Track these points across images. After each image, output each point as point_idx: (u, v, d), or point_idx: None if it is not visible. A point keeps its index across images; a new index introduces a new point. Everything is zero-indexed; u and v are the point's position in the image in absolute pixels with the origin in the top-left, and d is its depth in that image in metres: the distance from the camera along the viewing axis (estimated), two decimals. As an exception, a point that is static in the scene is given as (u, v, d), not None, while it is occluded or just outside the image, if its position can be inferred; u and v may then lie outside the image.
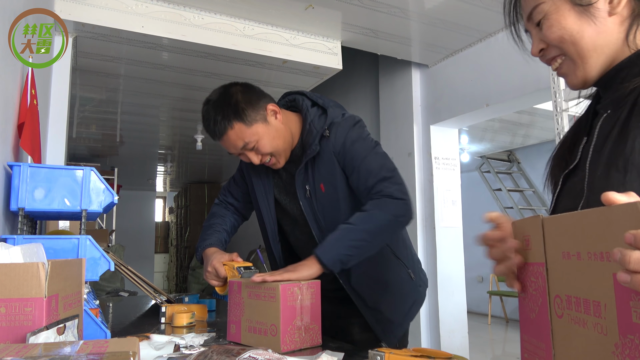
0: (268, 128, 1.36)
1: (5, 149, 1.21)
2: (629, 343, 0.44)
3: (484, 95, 3.11)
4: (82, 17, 2.45)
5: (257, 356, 0.80)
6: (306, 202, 1.41)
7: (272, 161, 1.41)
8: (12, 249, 0.78)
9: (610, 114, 0.78)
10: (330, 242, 1.26)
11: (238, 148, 1.36)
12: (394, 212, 1.33)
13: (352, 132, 1.39)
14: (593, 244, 0.49)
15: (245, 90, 1.38)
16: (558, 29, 0.77)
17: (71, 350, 0.59)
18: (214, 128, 1.35)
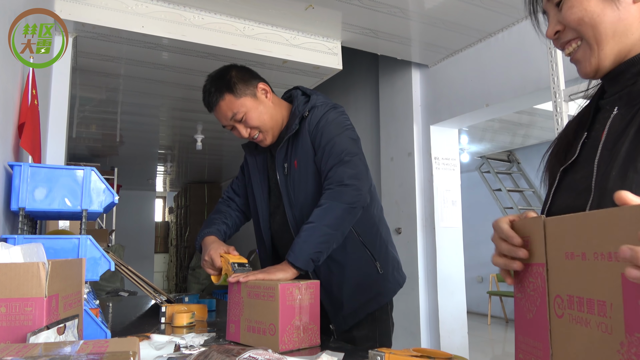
0: (256, 103, 1.50)
1: (6, 148, 1.21)
2: (636, 341, 0.44)
3: (483, 95, 3.11)
4: (82, 17, 2.45)
5: (257, 356, 0.81)
6: (283, 180, 1.51)
7: (260, 137, 1.52)
8: (13, 248, 0.78)
9: (622, 112, 0.76)
10: (299, 246, 1.32)
11: (228, 118, 1.49)
12: (347, 201, 1.36)
13: (328, 114, 1.48)
14: (600, 244, 0.49)
15: (241, 69, 1.53)
16: (579, 10, 0.74)
17: (71, 350, 0.59)
18: (209, 99, 1.50)
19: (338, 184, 1.37)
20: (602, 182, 0.72)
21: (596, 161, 0.76)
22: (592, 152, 0.78)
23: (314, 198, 1.44)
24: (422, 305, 3.40)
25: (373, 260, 1.50)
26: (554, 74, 2.09)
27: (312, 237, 1.32)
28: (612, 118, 0.77)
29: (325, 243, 1.33)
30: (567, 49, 0.79)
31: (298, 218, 1.47)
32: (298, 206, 1.47)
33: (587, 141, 0.81)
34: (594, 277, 0.50)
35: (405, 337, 3.40)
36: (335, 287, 1.46)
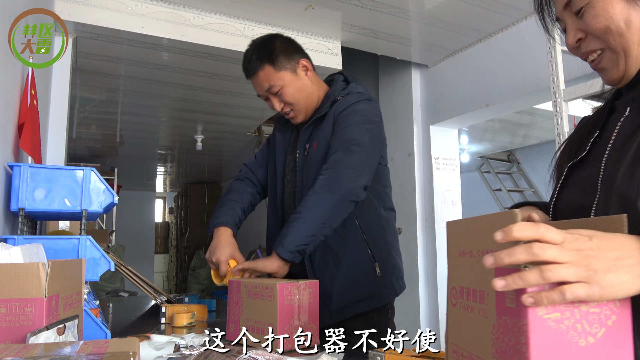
0: (295, 79, 1.47)
1: (6, 149, 1.21)
2: (503, 323, 0.54)
3: (483, 95, 3.11)
4: (82, 18, 2.45)
5: (257, 356, 0.81)
6: (302, 160, 1.49)
7: (292, 114, 1.50)
8: (13, 249, 0.78)
9: (633, 115, 0.76)
10: (285, 238, 1.29)
11: (264, 89, 1.46)
12: (340, 192, 1.30)
13: (359, 104, 1.45)
14: (483, 243, 0.59)
15: (285, 41, 1.50)
16: (605, 18, 0.70)
17: (71, 351, 0.59)
18: (248, 66, 1.46)
19: (334, 171, 1.32)
20: (609, 181, 0.73)
21: (604, 160, 0.76)
22: (601, 151, 0.78)
23: None
24: (422, 306, 3.40)
25: (372, 261, 1.46)
26: (553, 74, 2.09)
27: (299, 229, 1.29)
28: (623, 119, 0.77)
29: (312, 236, 1.30)
30: (591, 56, 0.76)
31: None
32: (308, 187, 1.41)
33: (598, 140, 0.81)
34: (477, 271, 0.59)
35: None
36: (327, 279, 1.41)
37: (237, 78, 3.41)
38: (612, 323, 0.53)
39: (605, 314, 0.53)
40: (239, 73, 3.25)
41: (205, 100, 4.04)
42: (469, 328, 0.62)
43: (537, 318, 0.50)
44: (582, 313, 0.52)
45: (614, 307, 0.53)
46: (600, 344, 0.52)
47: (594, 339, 0.52)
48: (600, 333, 0.52)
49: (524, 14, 2.80)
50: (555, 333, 0.51)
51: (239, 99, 3.97)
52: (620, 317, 0.53)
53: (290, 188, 1.54)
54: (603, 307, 0.53)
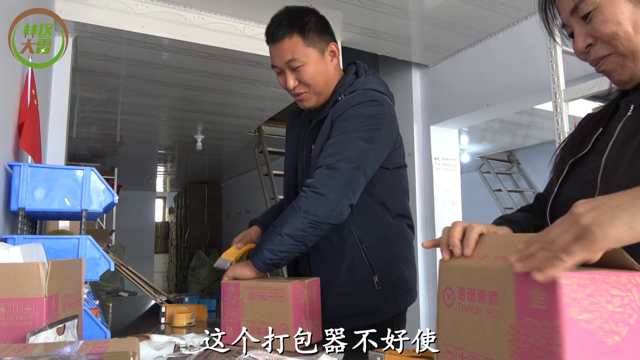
0: (320, 60, 1.36)
1: (6, 148, 1.21)
2: (527, 324, 0.56)
3: (484, 95, 3.11)
4: (82, 17, 2.45)
5: (257, 356, 0.81)
6: (307, 160, 1.41)
7: (303, 96, 1.38)
8: (12, 248, 0.78)
9: (636, 114, 0.76)
10: (260, 250, 1.23)
11: (284, 60, 1.34)
12: (317, 214, 1.21)
13: (358, 107, 1.31)
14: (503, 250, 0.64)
15: (321, 19, 1.40)
16: (613, 23, 0.70)
17: (71, 350, 0.59)
18: (276, 29, 1.34)
19: (315, 190, 1.22)
20: (609, 177, 0.74)
21: (604, 157, 0.77)
22: (602, 148, 0.79)
23: None
24: (422, 306, 3.40)
25: (371, 273, 1.34)
26: (554, 74, 2.09)
27: (274, 244, 1.22)
28: (626, 118, 0.77)
29: (287, 252, 1.23)
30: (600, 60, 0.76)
31: None
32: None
33: (600, 137, 0.82)
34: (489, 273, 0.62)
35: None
36: (323, 289, 1.29)
37: (238, 78, 3.42)
38: (634, 321, 0.55)
39: (628, 313, 0.55)
40: (240, 73, 3.24)
41: (206, 100, 4.04)
42: (473, 329, 0.63)
43: (571, 319, 0.52)
44: (609, 313, 0.54)
45: (635, 306, 0.55)
46: (626, 341, 0.54)
47: (619, 337, 0.54)
48: (624, 331, 0.54)
49: (524, 14, 2.80)
50: (586, 333, 0.52)
51: (239, 99, 3.97)
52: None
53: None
54: (626, 307, 0.55)
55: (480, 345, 0.62)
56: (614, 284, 0.55)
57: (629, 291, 0.55)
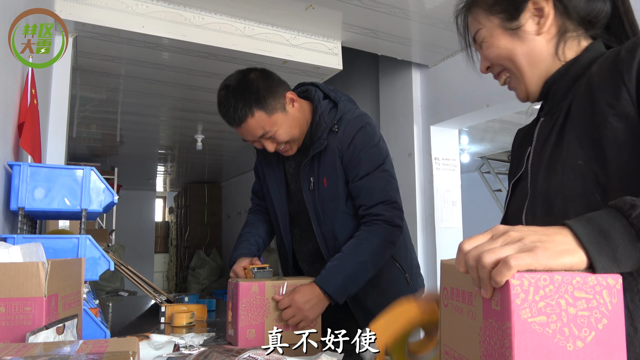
0: (286, 117, 1.36)
1: (6, 148, 1.21)
2: (489, 325, 0.54)
3: (484, 95, 3.11)
4: (82, 17, 2.45)
5: (257, 356, 0.81)
6: (309, 194, 1.43)
7: (286, 148, 1.41)
8: (12, 248, 0.78)
9: (546, 120, 0.87)
10: (336, 279, 1.28)
11: (256, 136, 1.35)
12: (390, 239, 1.36)
13: (360, 135, 1.38)
14: None
15: (265, 77, 1.36)
16: (494, 48, 0.87)
17: (71, 350, 0.59)
18: (234, 115, 1.32)
19: (386, 222, 1.35)
20: (534, 183, 0.82)
21: (529, 165, 0.86)
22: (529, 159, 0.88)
23: (345, 218, 1.41)
24: (422, 306, 3.40)
25: (403, 273, 1.48)
26: (554, 75, 2.09)
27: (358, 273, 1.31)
28: (539, 125, 0.89)
29: (359, 279, 1.32)
30: (501, 79, 0.92)
31: (327, 234, 1.43)
32: (328, 225, 1.42)
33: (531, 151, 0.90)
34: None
35: (405, 337, 3.40)
36: (371, 304, 1.42)
37: (238, 78, 3.42)
38: (602, 327, 0.51)
39: (596, 317, 0.51)
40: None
41: (206, 100, 4.04)
42: (459, 330, 0.62)
43: (521, 321, 0.50)
44: (570, 316, 0.51)
45: (605, 310, 0.52)
46: (590, 348, 0.51)
47: (582, 343, 0.51)
48: (589, 337, 0.51)
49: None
50: (540, 337, 0.50)
51: (239, 99, 3.97)
52: (612, 320, 0.52)
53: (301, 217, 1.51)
54: (593, 311, 0.51)
55: (463, 346, 0.61)
56: (578, 285, 0.52)
57: (597, 294, 0.52)
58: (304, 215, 1.49)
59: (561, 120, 0.81)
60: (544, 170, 0.80)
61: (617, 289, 0.53)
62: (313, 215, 1.44)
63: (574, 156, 0.75)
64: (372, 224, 1.35)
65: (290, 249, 1.56)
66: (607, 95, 0.72)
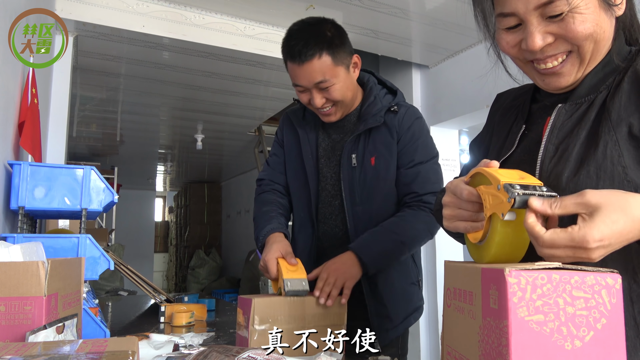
0: (347, 76, 1.33)
1: (6, 147, 1.22)
2: (487, 324, 0.54)
3: (484, 96, 3.11)
4: (82, 17, 2.45)
5: (256, 356, 0.80)
6: (348, 172, 1.36)
7: (330, 111, 1.33)
8: (12, 247, 0.78)
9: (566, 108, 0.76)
10: (369, 242, 1.26)
11: (312, 82, 1.27)
12: (430, 228, 1.34)
13: (422, 122, 1.41)
14: None
15: (341, 32, 1.34)
16: (592, 24, 0.69)
17: (70, 349, 0.59)
18: (302, 50, 1.24)
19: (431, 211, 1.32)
20: (553, 180, 0.72)
21: (540, 155, 0.76)
22: (532, 146, 0.79)
23: (385, 204, 1.36)
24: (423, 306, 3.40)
25: (417, 275, 1.47)
26: (554, 75, 2.09)
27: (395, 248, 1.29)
28: (556, 112, 0.77)
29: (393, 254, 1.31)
30: (552, 62, 0.74)
31: (362, 215, 1.35)
32: (367, 204, 1.35)
33: (527, 133, 0.82)
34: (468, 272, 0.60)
35: (404, 337, 3.40)
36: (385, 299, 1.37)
37: (238, 78, 3.42)
38: (601, 327, 0.51)
39: (594, 317, 0.51)
40: (240, 72, 3.24)
41: (206, 100, 4.04)
42: (461, 329, 0.62)
43: (518, 320, 0.49)
44: (568, 316, 0.50)
45: (604, 310, 0.51)
46: (588, 347, 0.50)
47: (581, 343, 0.50)
48: (588, 337, 0.50)
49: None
50: (537, 335, 0.49)
51: (239, 99, 3.97)
52: (612, 320, 0.51)
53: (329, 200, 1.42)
54: (592, 310, 0.51)
55: (464, 345, 0.60)
56: (577, 285, 0.51)
57: (596, 293, 0.51)
58: (332, 194, 1.42)
59: (593, 115, 0.72)
60: (571, 169, 0.71)
61: (616, 289, 0.52)
62: (347, 194, 1.36)
63: (612, 161, 0.67)
64: (418, 208, 1.33)
65: (315, 229, 1.44)
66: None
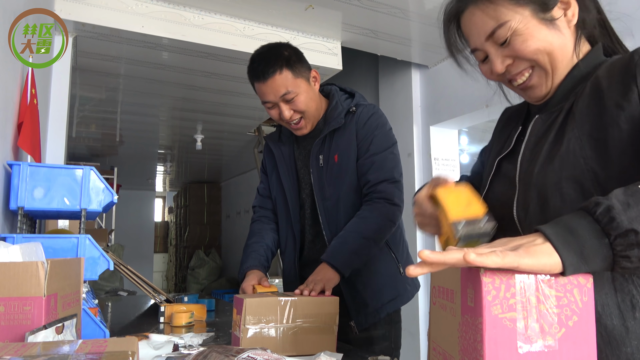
0: (309, 88, 1.47)
1: (5, 148, 1.22)
2: (465, 321, 0.56)
3: (483, 96, 3.11)
4: (82, 17, 2.45)
5: (256, 356, 0.81)
6: (317, 172, 1.50)
7: (301, 124, 1.48)
8: (11, 247, 0.78)
9: (542, 117, 0.85)
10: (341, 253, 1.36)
11: (278, 95, 1.42)
12: (390, 218, 1.43)
13: (377, 117, 1.50)
14: None
15: (297, 52, 1.50)
16: (534, 41, 0.79)
17: (70, 350, 0.59)
18: (264, 68, 1.41)
19: (388, 201, 1.42)
20: (526, 178, 0.82)
21: (520, 158, 0.86)
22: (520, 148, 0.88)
23: (350, 193, 1.47)
24: (421, 306, 3.40)
25: (396, 262, 1.54)
26: (553, 75, 2.09)
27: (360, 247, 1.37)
28: (534, 121, 0.87)
29: (366, 256, 1.40)
30: (520, 79, 0.84)
31: (330, 211, 1.48)
32: (332, 199, 1.48)
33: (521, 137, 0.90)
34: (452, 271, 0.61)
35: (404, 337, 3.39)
36: (361, 285, 1.48)
37: (237, 78, 3.41)
38: (573, 324, 0.52)
39: (566, 315, 0.53)
40: (239, 73, 3.23)
41: (205, 100, 4.04)
42: (444, 326, 0.64)
43: (492, 317, 0.51)
44: (541, 313, 0.52)
45: (575, 308, 0.53)
46: (560, 344, 0.52)
47: (553, 340, 0.52)
48: (560, 333, 0.52)
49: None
50: (511, 332, 0.51)
51: (239, 99, 3.97)
52: (583, 318, 0.53)
53: (307, 203, 1.56)
54: (564, 308, 0.52)
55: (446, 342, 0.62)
56: (549, 283, 0.53)
57: (568, 292, 0.53)
58: (307, 194, 1.56)
59: (561, 119, 0.80)
60: (540, 165, 0.79)
61: (587, 288, 0.54)
62: (318, 191, 1.50)
63: (574, 154, 0.74)
64: (373, 202, 1.42)
65: (299, 238, 1.59)
66: (616, 97, 0.72)
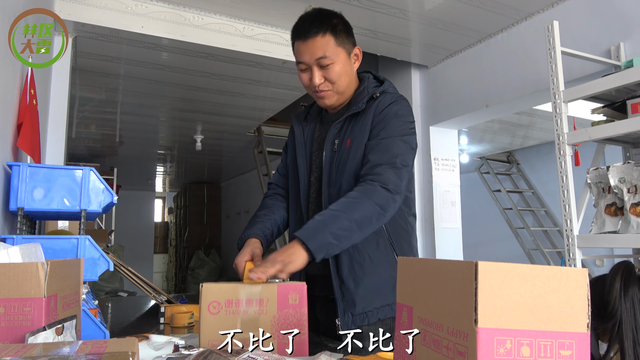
0: (347, 61, 1.42)
1: (5, 148, 1.21)
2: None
3: (483, 96, 3.11)
4: (82, 17, 2.45)
5: (256, 356, 0.80)
6: (329, 155, 1.42)
7: (327, 94, 1.41)
8: (11, 249, 0.78)
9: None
10: (319, 231, 1.18)
11: (314, 57, 1.38)
12: (382, 205, 1.26)
13: (399, 106, 1.41)
14: None
15: (347, 24, 1.48)
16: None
17: (70, 351, 0.58)
18: (308, 26, 1.38)
19: (381, 185, 1.27)
20: None
21: None
22: None
23: (351, 181, 1.36)
24: (422, 306, 3.40)
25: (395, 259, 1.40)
26: (553, 75, 2.09)
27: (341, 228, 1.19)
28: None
29: (347, 241, 1.22)
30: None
31: (333, 198, 1.35)
32: (337, 185, 1.38)
33: None
34: None
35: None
36: (352, 283, 1.35)
37: (237, 78, 3.42)
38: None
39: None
40: (239, 73, 3.23)
41: (205, 100, 4.04)
42: None
43: None
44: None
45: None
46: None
47: None
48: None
49: (523, 15, 2.80)
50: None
51: (239, 99, 3.97)
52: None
53: (316, 186, 1.47)
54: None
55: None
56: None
57: None
58: (317, 178, 1.46)
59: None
60: None
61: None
62: (326, 177, 1.41)
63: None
64: (366, 183, 1.28)
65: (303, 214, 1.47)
66: None
